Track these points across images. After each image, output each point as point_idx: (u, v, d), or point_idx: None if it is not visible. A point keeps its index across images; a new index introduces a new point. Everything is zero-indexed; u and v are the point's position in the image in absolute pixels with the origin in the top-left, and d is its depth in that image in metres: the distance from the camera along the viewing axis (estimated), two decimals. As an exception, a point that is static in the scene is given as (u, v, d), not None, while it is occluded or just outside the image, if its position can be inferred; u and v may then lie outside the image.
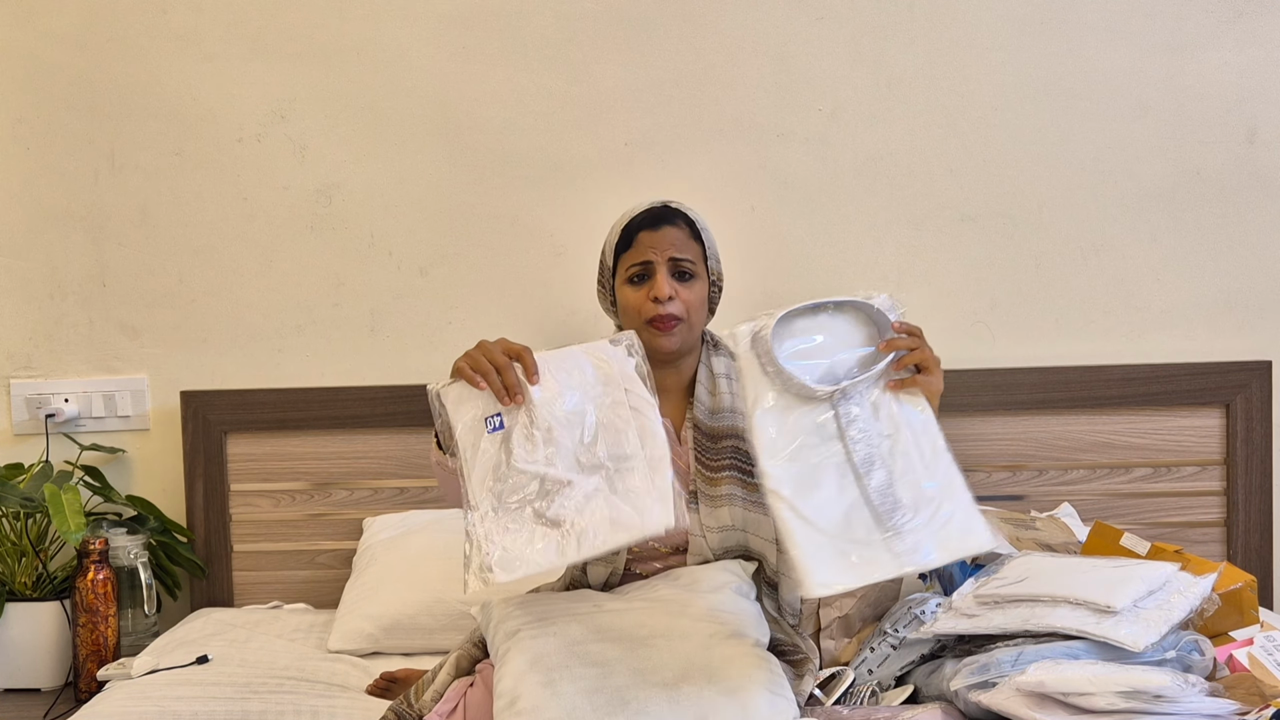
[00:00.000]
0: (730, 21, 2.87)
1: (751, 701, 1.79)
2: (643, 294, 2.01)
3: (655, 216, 2.03)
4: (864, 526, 1.71)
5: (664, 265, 2.00)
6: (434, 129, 2.89)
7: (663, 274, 2.00)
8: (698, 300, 2.03)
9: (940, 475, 1.76)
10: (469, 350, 1.80)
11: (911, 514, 1.72)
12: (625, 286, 2.04)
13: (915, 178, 2.90)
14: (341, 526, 2.90)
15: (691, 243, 2.04)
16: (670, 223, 2.02)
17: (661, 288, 1.99)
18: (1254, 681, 1.87)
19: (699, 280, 2.04)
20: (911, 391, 1.84)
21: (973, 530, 1.72)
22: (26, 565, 2.70)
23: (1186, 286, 2.92)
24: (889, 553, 1.69)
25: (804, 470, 1.73)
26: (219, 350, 2.92)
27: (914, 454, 1.77)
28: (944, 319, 2.92)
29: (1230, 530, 2.88)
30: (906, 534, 1.70)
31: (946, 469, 1.77)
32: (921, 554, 1.69)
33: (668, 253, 2.01)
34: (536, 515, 1.70)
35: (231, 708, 2.15)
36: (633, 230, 2.03)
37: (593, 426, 1.74)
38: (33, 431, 2.91)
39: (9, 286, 2.91)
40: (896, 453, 1.76)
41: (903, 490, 1.73)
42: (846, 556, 1.68)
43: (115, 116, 2.88)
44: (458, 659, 2.06)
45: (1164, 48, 2.88)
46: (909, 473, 1.75)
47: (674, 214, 2.04)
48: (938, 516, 1.72)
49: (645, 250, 2.01)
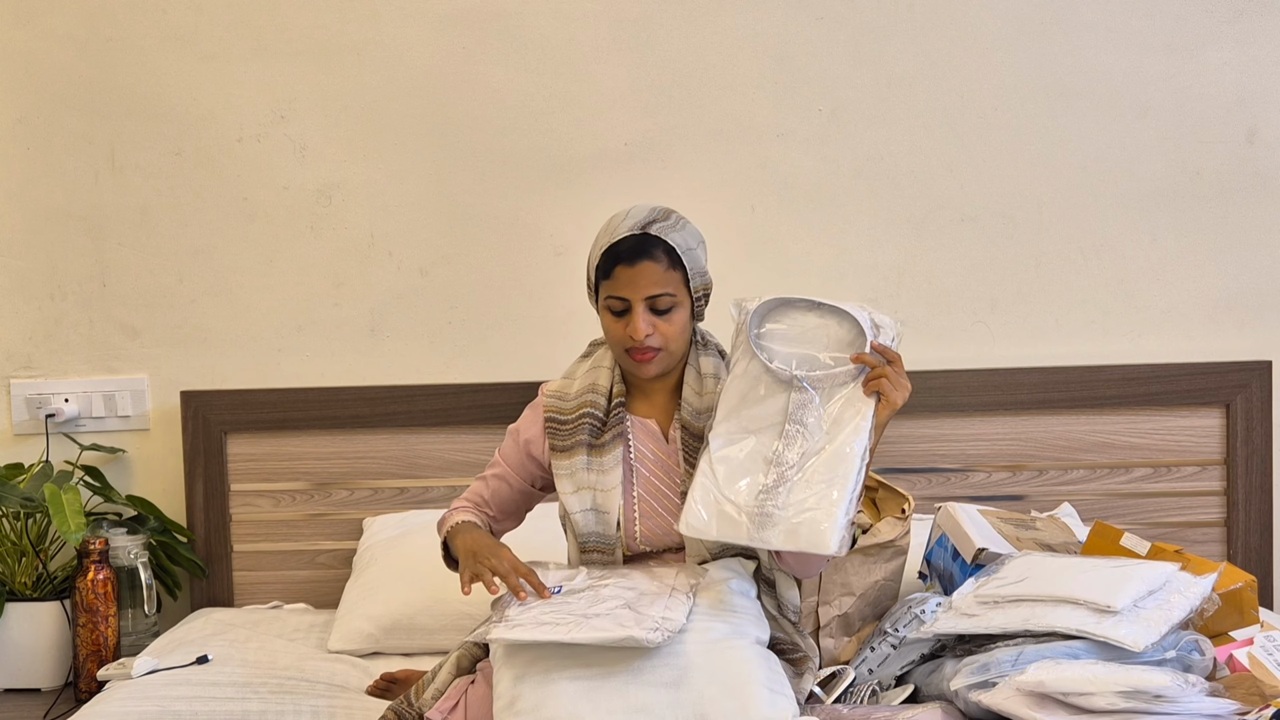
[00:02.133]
0: (730, 21, 2.87)
1: (751, 700, 1.79)
2: (621, 326, 2.01)
3: (634, 249, 1.98)
4: (747, 495, 1.88)
5: (640, 304, 1.99)
6: (434, 129, 2.89)
7: (639, 312, 1.99)
8: (677, 329, 2.02)
9: (834, 478, 1.86)
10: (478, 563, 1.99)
11: (786, 497, 1.86)
12: (605, 312, 2.04)
13: (915, 178, 2.90)
14: (341, 526, 2.90)
15: (670, 273, 1.99)
16: (648, 257, 1.98)
17: (638, 328, 1.99)
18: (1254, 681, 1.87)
19: (680, 307, 2.02)
20: (868, 399, 1.90)
21: (825, 534, 1.83)
22: (26, 565, 2.70)
23: (1186, 286, 2.92)
24: (750, 525, 1.86)
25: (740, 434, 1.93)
26: (219, 350, 2.92)
27: (830, 459, 1.87)
28: (944, 319, 2.92)
29: (1230, 530, 2.88)
30: (768, 511, 1.85)
31: (844, 476, 1.86)
32: (769, 538, 1.85)
33: (644, 291, 1.98)
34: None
35: (231, 708, 2.15)
36: (611, 261, 2.00)
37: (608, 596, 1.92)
38: (33, 431, 2.91)
39: (9, 286, 2.91)
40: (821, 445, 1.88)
41: (794, 484, 1.86)
42: (720, 509, 1.88)
43: (115, 116, 2.88)
44: (459, 658, 2.06)
45: (1164, 48, 2.88)
46: (814, 471, 1.87)
47: (653, 245, 1.99)
48: (802, 511, 1.84)
49: (623, 286, 1.99)
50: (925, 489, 2.86)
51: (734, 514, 1.87)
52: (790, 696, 1.86)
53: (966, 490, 2.87)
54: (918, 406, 2.84)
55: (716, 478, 1.90)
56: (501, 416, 2.81)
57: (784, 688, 1.86)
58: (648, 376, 2.05)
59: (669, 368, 2.06)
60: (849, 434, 1.88)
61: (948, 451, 2.88)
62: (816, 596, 2.25)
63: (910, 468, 2.87)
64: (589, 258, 2.07)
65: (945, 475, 2.88)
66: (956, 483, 2.88)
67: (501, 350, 2.91)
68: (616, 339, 2.03)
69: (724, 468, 1.90)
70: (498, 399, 2.83)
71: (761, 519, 1.85)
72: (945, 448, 2.88)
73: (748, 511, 1.86)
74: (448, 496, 2.87)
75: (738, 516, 1.86)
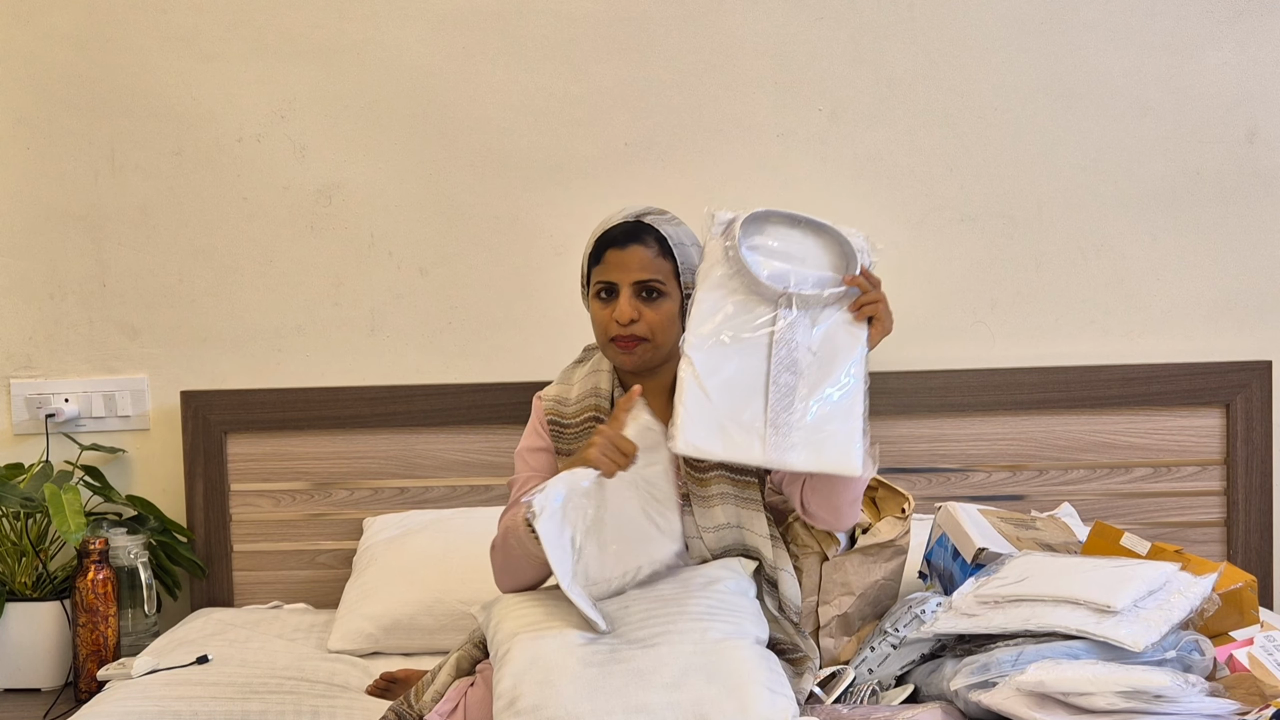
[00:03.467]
0: (730, 21, 2.87)
1: (751, 700, 1.79)
2: (608, 312, 2.02)
3: (626, 233, 2.01)
4: (751, 412, 1.83)
5: (628, 287, 2.00)
6: (434, 129, 2.89)
7: (625, 296, 2.00)
8: (665, 319, 2.02)
9: (844, 398, 1.83)
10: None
11: (800, 418, 1.81)
12: (594, 300, 2.05)
13: (915, 178, 2.90)
14: (341, 526, 2.90)
15: (660, 260, 2.01)
16: (639, 241, 2.00)
17: (623, 310, 1.99)
18: (1254, 681, 1.87)
19: (667, 298, 2.02)
20: (860, 324, 1.89)
21: (849, 454, 1.80)
22: (26, 565, 2.70)
23: (1186, 286, 2.92)
24: (761, 442, 1.81)
25: (720, 347, 1.86)
26: (219, 350, 2.92)
27: (832, 374, 1.84)
28: (944, 319, 2.92)
29: (1230, 530, 2.88)
30: (784, 433, 1.80)
31: (853, 396, 1.84)
32: (790, 454, 1.80)
33: (633, 274, 2.00)
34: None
35: (231, 708, 2.15)
36: (602, 246, 2.03)
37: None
38: (33, 431, 2.91)
39: (9, 286, 2.91)
40: (815, 366, 1.84)
41: (801, 397, 1.82)
42: (724, 430, 1.82)
43: (115, 116, 2.88)
44: (458, 659, 2.06)
45: (1164, 48, 2.88)
46: (817, 386, 1.83)
47: (645, 231, 2.01)
48: (823, 430, 1.81)
49: (612, 269, 2.01)
50: (925, 489, 2.86)
51: (740, 434, 1.82)
52: (790, 696, 1.85)
53: (966, 490, 2.87)
54: (918, 406, 2.85)
55: (709, 395, 1.83)
56: (501, 417, 2.82)
57: (784, 688, 1.86)
58: (628, 368, 2.05)
59: (652, 362, 2.05)
60: (845, 357, 1.85)
61: (948, 451, 2.88)
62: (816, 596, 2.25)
63: (910, 468, 2.87)
64: (584, 254, 2.08)
65: (945, 475, 2.88)
66: (956, 483, 2.88)
67: (501, 350, 2.91)
68: (601, 326, 2.03)
69: (715, 383, 1.83)
70: (498, 399, 2.83)
71: (777, 440, 1.81)
72: (945, 448, 2.88)
73: (758, 432, 1.82)
74: (448, 496, 2.87)
75: (746, 437, 1.82)
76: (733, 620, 1.90)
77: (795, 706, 1.85)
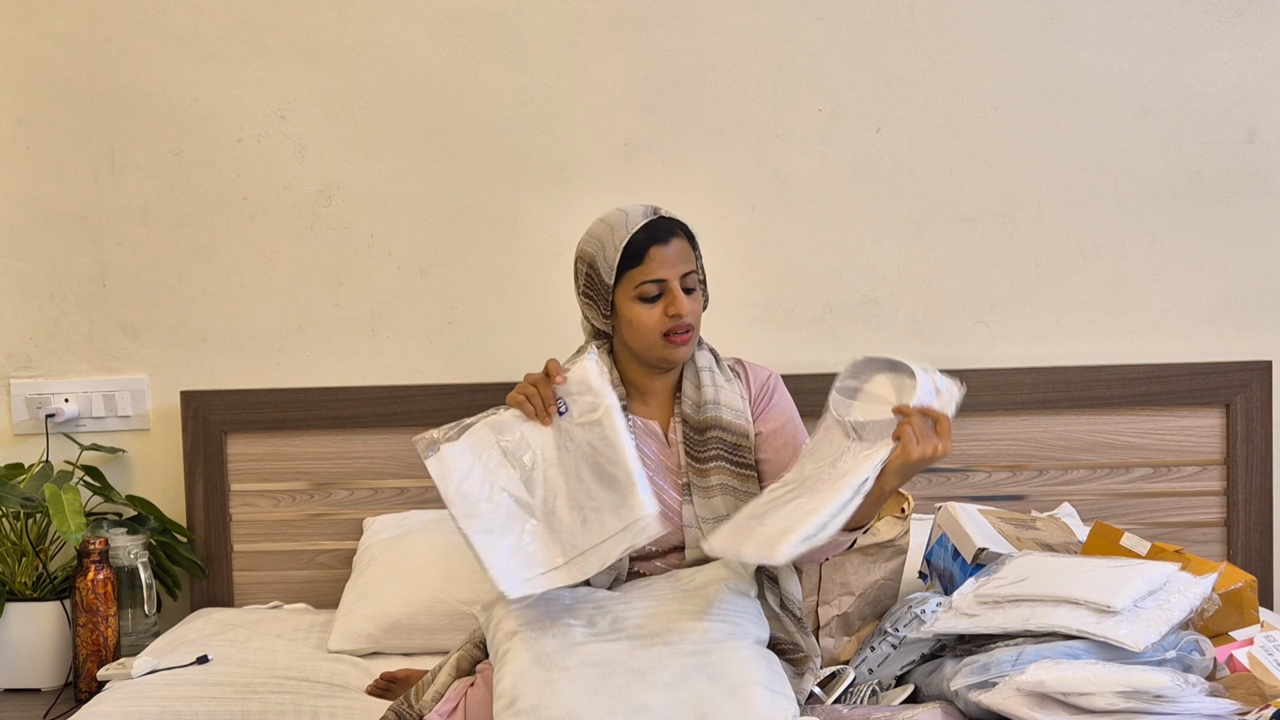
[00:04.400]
0: (730, 21, 2.87)
1: (751, 700, 1.79)
2: (657, 311, 2.02)
3: (666, 229, 2.02)
4: (764, 505, 1.91)
5: (677, 282, 2.02)
6: (434, 129, 2.89)
7: (677, 289, 2.02)
8: (700, 310, 2.08)
9: (820, 494, 1.87)
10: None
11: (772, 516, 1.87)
12: (635, 303, 2.03)
13: (915, 178, 2.90)
14: (341, 526, 2.90)
15: (692, 253, 2.06)
16: (676, 235, 2.03)
17: (683, 303, 2.01)
18: (1254, 681, 1.87)
19: (699, 290, 2.08)
20: (886, 444, 1.87)
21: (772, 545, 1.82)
22: (26, 565, 2.70)
23: (1186, 286, 2.92)
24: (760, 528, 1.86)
25: (794, 473, 1.95)
26: (219, 350, 2.92)
27: (829, 480, 1.88)
28: (944, 319, 2.92)
29: (1230, 530, 2.88)
30: (767, 518, 1.86)
31: (831, 493, 1.86)
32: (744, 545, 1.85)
33: (680, 268, 2.03)
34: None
35: (231, 708, 2.16)
36: (643, 246, 2.01)
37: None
38: (33, 431, 2.91)
39: (9, 286, 2.91)
40: (824, 475, 1.90)
41: (799, 500, 1.87)
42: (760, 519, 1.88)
43: (115, 116, 2.88)
44: (458, 659, 2.06)
45: (1164, 48, 2.88)
46: (813, 488, 1.88)
47: (676, 225, 2.04)
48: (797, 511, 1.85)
49: (659, 268, 2.01)
50: (925, 489, 2.86)
51: (756, 526, 1.87)
52: (790, 696, 1.86)
53: (966, 490, 2.87)
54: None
55: (772, 490, 1.94)
56: (501, 416, 2.81)
57: (784, 688, 1.86)
58: (681, 360, 2.07)
59: (692, 351, 2.09)
60: (855, 463, 1.88)
61: (948, 451, 2.88)
62: (816, 596, 2.25)
63: (910, 468, 2.87)
64: (594, 258, 2.06)
65: (945, 475, 2.88)
66: (956, 483, 2.88)
67: (501, 350, 2.91)
68: (651, 326, 2.03)
69: (779, 484, 1.94)
70: (498, 399, 2.79)
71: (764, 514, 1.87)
72: (945, 448, 2.88)
73: (755, 515, 1.88)
74: (448, 496, 2.87)
75: (758, 527, 1.87)
76: (733, 620, 1.90)
77: (795, 706, 1.85)
